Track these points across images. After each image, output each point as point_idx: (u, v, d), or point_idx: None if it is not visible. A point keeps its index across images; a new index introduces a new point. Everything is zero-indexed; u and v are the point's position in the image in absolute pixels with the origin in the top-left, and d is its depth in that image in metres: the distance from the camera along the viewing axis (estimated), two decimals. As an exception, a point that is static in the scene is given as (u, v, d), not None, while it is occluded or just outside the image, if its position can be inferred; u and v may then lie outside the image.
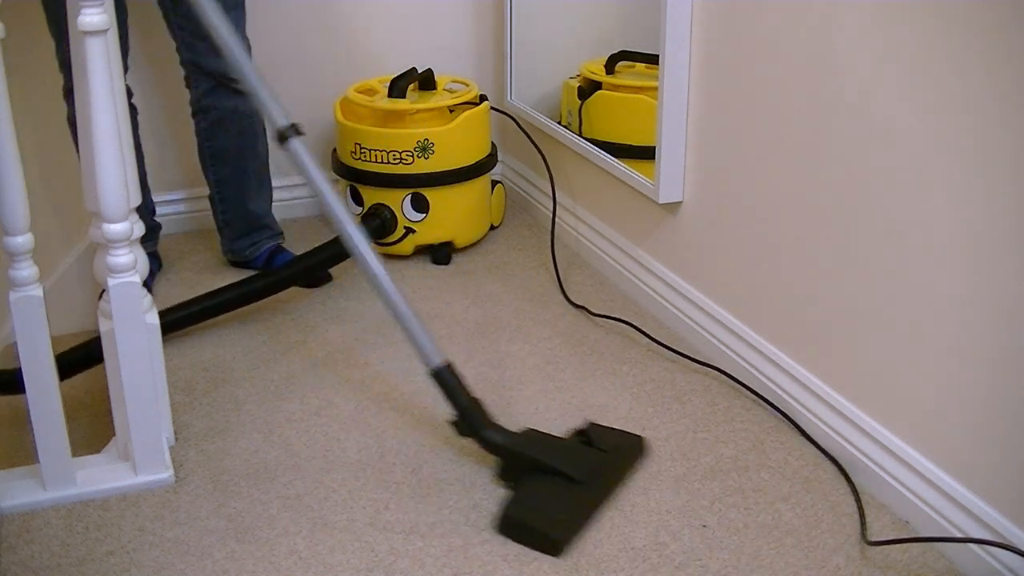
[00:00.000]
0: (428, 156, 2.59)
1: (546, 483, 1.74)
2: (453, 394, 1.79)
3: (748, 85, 1.97)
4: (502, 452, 1.79)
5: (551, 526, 1.65)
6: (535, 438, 1.83)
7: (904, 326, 1.68)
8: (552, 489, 1.72)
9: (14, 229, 1.61)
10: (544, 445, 1.80)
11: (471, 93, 2.71)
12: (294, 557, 1.65)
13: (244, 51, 1.81)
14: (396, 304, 1.80)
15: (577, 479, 1.73)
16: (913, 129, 1.60)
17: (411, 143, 2.58)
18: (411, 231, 2.65)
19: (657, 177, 2.22)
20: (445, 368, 1.79)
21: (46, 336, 1.66)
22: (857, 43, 1.69)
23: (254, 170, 2.55)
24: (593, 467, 1.76)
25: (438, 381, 1.80)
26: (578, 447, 1.82)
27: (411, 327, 1.80)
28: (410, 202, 2.62)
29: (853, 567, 1.62)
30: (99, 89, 1.61)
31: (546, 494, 1.72)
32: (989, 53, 1.45)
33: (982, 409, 1.56)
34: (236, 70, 1.81)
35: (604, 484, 1.77)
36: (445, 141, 2.60)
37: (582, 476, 1.73)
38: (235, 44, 1.78)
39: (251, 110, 2.44)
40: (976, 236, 1.52)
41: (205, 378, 2.15)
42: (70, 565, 1.63)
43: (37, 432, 1.71)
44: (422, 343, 1.80)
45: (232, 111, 2.45)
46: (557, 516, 1.67)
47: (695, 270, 2.23)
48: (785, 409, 1.97)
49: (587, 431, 1.85)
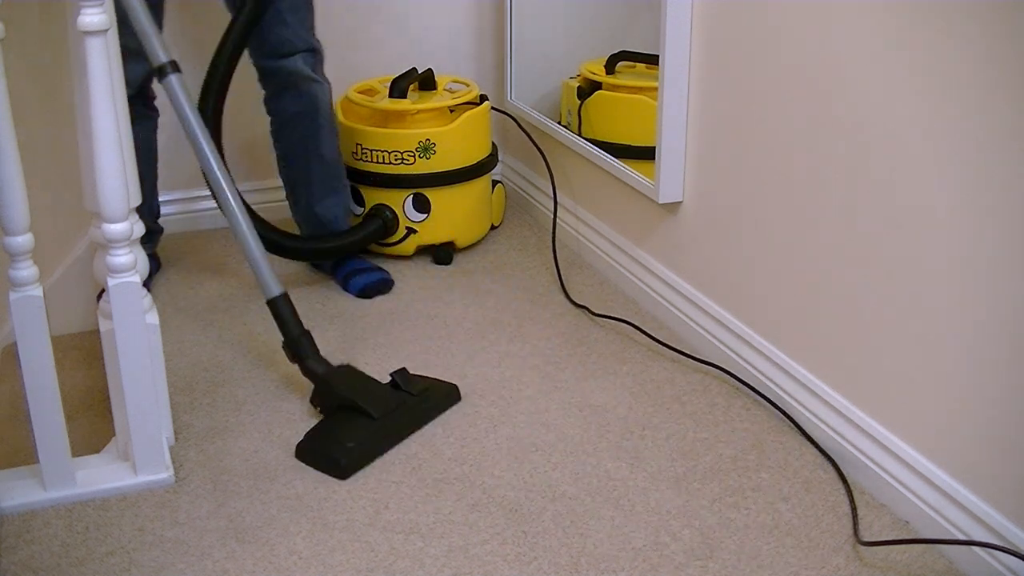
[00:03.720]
0: (429, 156, 2.59)
1: (346, 416, 1.93)
2: (285, 323, 1.99)
3: (748, 85, 1.97)
4: (317, 381, 1.98)
5: (339, 452, 1.84)
6: (348, 375, 2.01)
7: (904, 326, 1.68)
8: (349, 422, 1.91)
9: (14, 229, 1.61)
10: (353, 382, 1.98)
11: (472, 93, 2.71)
12: (294, 557, 1.65)
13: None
14: (245, 237, 1.98)
15: (373, 415, 1.90)
16: (914, 128, 1.60)
17: (413, 143, 2.58)
18: (412, 231, 2.65)
19: (657, 177, 2.22)
20: (281, 298, 1.99)
21: (46, 336, 1.66)
22: (857, 43, 1.69)
23: (318, 174, 2.51)
24: (393, 407, 1.94)
25: (273, 310, 2.00)
26: (384, 388, 1.99)
27: (256, 260, 1.98)
28: (412, 202, 2.62)
29: (853, 567, 1.62)
30: (99, 89, 1.61)
31: (342, 426, 1.90)
32: (990, 54, 1.45)
33: (982, 409, 1.56)
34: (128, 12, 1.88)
35: (401, 422, 1.94)
36: (446, 141, 2.60)
37: (379, 413, 1.91)
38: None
39: (313, 114, 2.44)
40: (976, 237, 1.52)
41: (205, 378, 2.15)
42: (70, 565, 1.63)
43: (37, 432, 1.71)
44: (264, 275, 1.98)
45: (294, 115, 2.44)
46: (346, 444, 1.85)
47: (695, 270, 2.23)
48: (785, 409, 1.97)
49: (397, 375, 2.01)
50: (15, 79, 1.59)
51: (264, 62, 2.39)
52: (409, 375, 2.04)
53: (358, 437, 1.88)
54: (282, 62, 2.37)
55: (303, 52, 2.37)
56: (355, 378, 2.01)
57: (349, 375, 2.01)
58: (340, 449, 1.85)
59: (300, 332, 1.99)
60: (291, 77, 2.39)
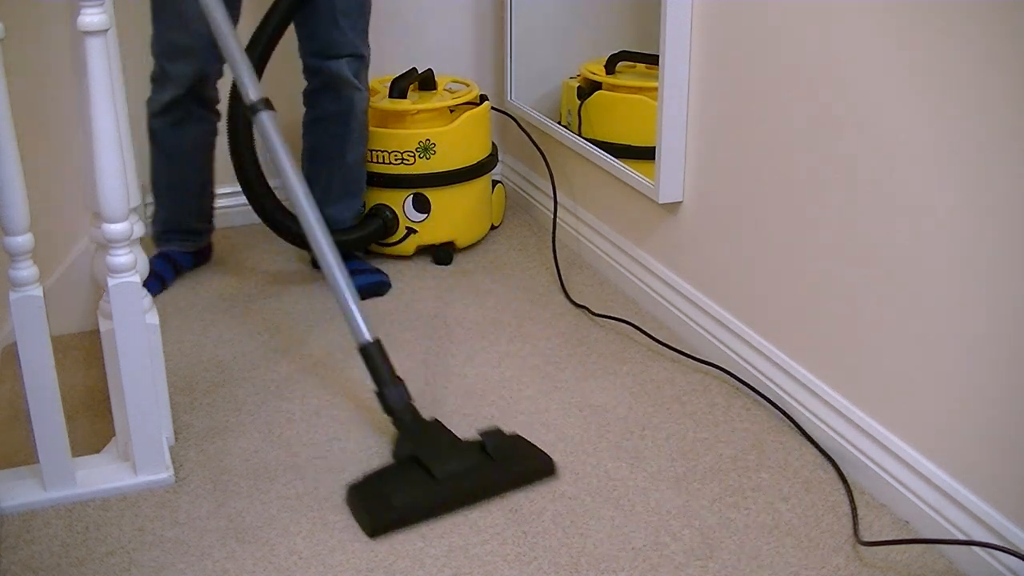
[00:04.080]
0: (430, 156, 2.59)
1: (407, 470, 1.77)
2: (378, 371, 1.86)
3: (748, 85, 1.97)
4: (401, 431, 1.85)
5: (376, 509, 1.70)
6: (431, 429, 1.86)
7: (904, 326, 1.68)
8: (406, 477, 1.76)
9: (14, 229, 1.61)
10: (432, 437, 1.84)
11: (472, 93, 2.71)
12: (294, 557, 1.65)
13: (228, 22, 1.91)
14: (337, 280, 1.90)
15: (435, 475, 1.74)
16: (915, 129, 1.60)
17: (413, 143, 2.58)
18: (412, 231, 2.65)
19: (657, 177, 2.22)
20: (373, 345, 1.87)
21: (46, 336, 1.66)
22: (857, 43, 1.69)
23: (338, 176, 2.50)
24: (462, 469, 1.76)
25: (365, 357, 1.88)
26: (463, 448, 1.82)
27: (348, 305, 1.88)
28: (412, 202, 2.62)
29: (853, 567, 1.62)
30: (99, 89, 1.61)
31: (398, 479, 1.76)
32: (991, 54, 1.45)
33: (982, 409, 1.56)
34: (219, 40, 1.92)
35: (467, 487, 1.75)
36: (447, 141, 2.60)
37: (442, 474, 1.74)
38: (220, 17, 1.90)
39: (347, 118, 2.43)
40: (977, 237, 1.52)
41: (205, 378, 2.15)
42: (70, 565, 1.63)
43: (37, 432, 1.71)
44: (355, 319, 1.88)
45: (328, 115, 2.43)
46: (390, 502, 1.70)
47: (695, 270, 2.23)
48: (785, 409, 1.97)
49: (487, 435, 1.83)
50: (15, 79, 1.59)
51: (309, 60, 2.38)
52: (502, 436, 1.85)
53: (407, 497, 1.71)
54: (327, 63, 2.36)
55: (349, 57, 2.36)
56: (436, 432, 1.85)
57: (433, 428, 1.87)
58: (379, 506, 1.70)
59: (391, 380, 1.86)
60: (333, 79, 2.38)
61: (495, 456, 1.79)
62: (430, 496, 1.72)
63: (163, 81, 2.37)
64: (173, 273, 2.58)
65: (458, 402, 2.06)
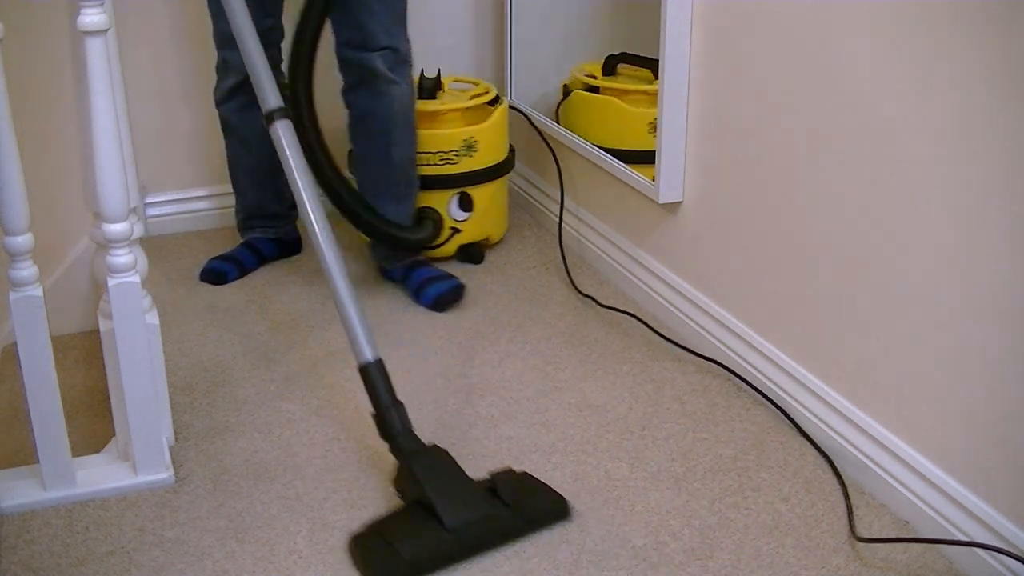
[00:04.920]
0: (472, 154, 2.58)
1: (416, 516, 1.64)
2: (376, 393, 1.77)
3: (748, 85, 1.97)
4: (402, 463, 1.73)
5: (381, 563, 1.58)
6: (436, 463, 1.71)
7: (905, 326, 1.68)
8: (415, 525, 1.62)
9: (14, 229, 1.61)
10: (439, 476, 1.68)
11: (488, 89, 2.70)
12: (294, 557, 1.65)
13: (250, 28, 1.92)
14: (342, 295, 1.82)
15: (447, 526, 1.60)
16: (914, 128, 1.60)
17: (457, 142, 2.55)
18: (456, 231, 2.61)
19: (657, 177, 2.22)
20: (374, 364, 1.78)
21: (46, 336, 1.66)
22: (857, 42, 1.69)
23: (387, 177, 2.42)
24: (475, 518, 1.63)
25: (364, 377, 1.78)
26: (473, 489, 1.68)
27: (350, 320, 1.81)
28: (457, 202, 2.60)
29: (853, 567, 1.62)
30: (99, 89, 1.61)
31: (407, 528, 1.62)
32: (991, 53, 1.45)
33: (982, 409, 1.56)
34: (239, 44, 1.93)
35: (480, 537, 1.64)
36: (487, 137, 2.59)
37: (454, 523, 1.60)
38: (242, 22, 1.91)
39: (386, 114, 2.36)
40: (977, 237, 1.52)
41: (205, 378, 2.15)
42: (70, 565, 1.63)
43: (37, 432, 1.71)
44: (357, 336, 1.79)
45: (367, 112, 2.37)
46: (399, 555, 1.57)
47: (695, 270, 2.23)
48: (785, 409, 1.97)
49: (499, 476, 1.72)
50: (15, 79, 1.59)
51: (342, 51, 2.32)
52: (513, 477, 1.73)
53: (416, 550, 1.58)
54: (360, 55, 2.29)
55: (383, 50, 2.29)
56: (443, 470, 1.70)
57: (438, 463, 1.71)
58: (386, 560, 1.58)
59: (391, 404, 1.76)
60: (367, 73, 2.31)
61: (508, 501, 1.67)
62: (441, 548, 1.60)
63: (224, 69, 2.41)
64: (256, 261, 2.58)
65: (458, 402, 2.06)
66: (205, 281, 2.55)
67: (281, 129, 1.89)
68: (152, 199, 2.80)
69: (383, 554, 1.58)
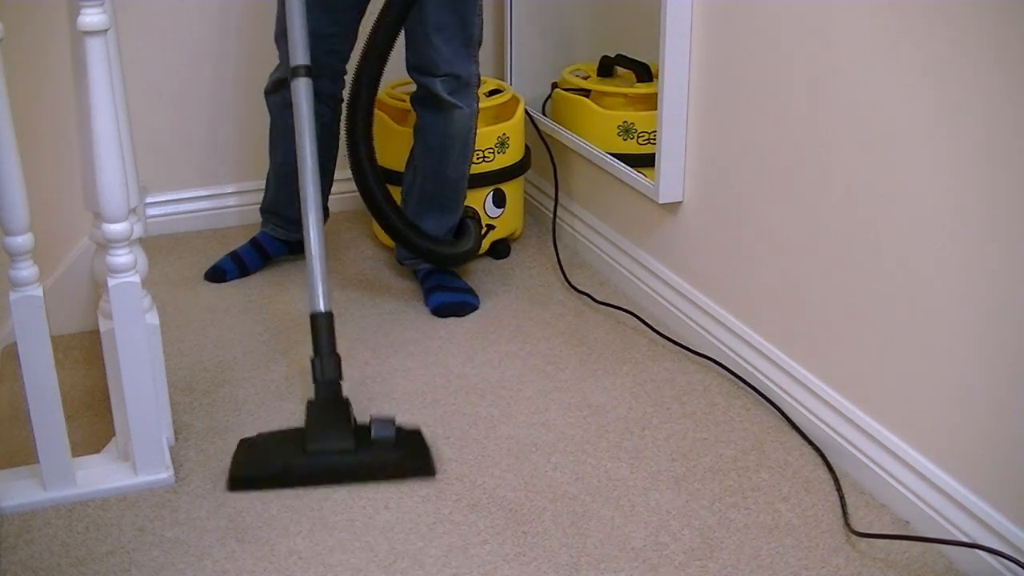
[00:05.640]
0: (505, 150, 2.58)
1: (288, 438, 1.88)
2: (318, 339, 1.94)
3: (748, 85, 1.97)
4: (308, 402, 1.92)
5: (243, 465, 1.83)
6: (329, 406, 1.91)
7: (905, 326, 1.68)
8: (283, 445, 1.87)
9: (14, 229, 1.61)
10: (323, 413, 1.89)
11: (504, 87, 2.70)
12: (294, 557, 1.65)
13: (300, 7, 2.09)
14: (312, 249, 1.98)
15: (306, 448, 1.83)
16: (914, 128, 1.60)
17: (492, 139, 2.55)
18: (491, 228, 2.62)
19: (657, 177, 2.22)
20: (324, 316, 1.95)
21: (46, 336, 1.66)
22: (857, 43, 1.69)
23: (438, 191, 2.40)
24: (335, 449, 1.83)
25: (313, 324, 1.95)
26: (344, 431, 1.85)
27: (314, 271, 1.97)
28: (492, 199, 2.60)
29: (853, 567, 1.62)
30: (99, 89, 1.61)
31: (275, 443, 1.87)
32: (992, 53, 1.45)
33: (982, 409, 1.56)
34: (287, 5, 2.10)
35: (330, 467, 1.83)
36: (515, 133, 2.61)
37: (313, 447, 1.83)
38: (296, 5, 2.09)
39: (445, 133, 2.34)
40: (978, 236, 1.52)
41: (205, 378, 2.15)
42: (70, 565, 1.63)
43: (37, 432, 1.71)
44: (316, 288, 1.97)
45: (427, 125, 2.36)
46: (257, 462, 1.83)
47: (695, 270, 2.23)
48: (785, 409, 1.97)
49: (376, 423, 1.85)
50: (15, 79, 1.59)
51: (410, 72, 2.34)
52: (394, 427, 1.85)
53: (275, 459, 1.83)
54: (423, 79, 2.30)
55: (443, 77, 2.27)
56: (330, 409, 1.90)
57: (331, 405, 1.91)
58: (248, 463, 1.83)
59: (328, 353, 1.94)
60: (430, 94, 2.31)
61: (375, 444, 1.83)
62: (295, 464, 1.82)
63: (278, 62, 2.43)
64: (259, 261, 2.61)
65: (458, 402, 2.06)
66: (207, 279, 2.56)
67: (300, 86, 2.03)
68: (152, 199, 2.80)
69: (248, 457, 1.85)
